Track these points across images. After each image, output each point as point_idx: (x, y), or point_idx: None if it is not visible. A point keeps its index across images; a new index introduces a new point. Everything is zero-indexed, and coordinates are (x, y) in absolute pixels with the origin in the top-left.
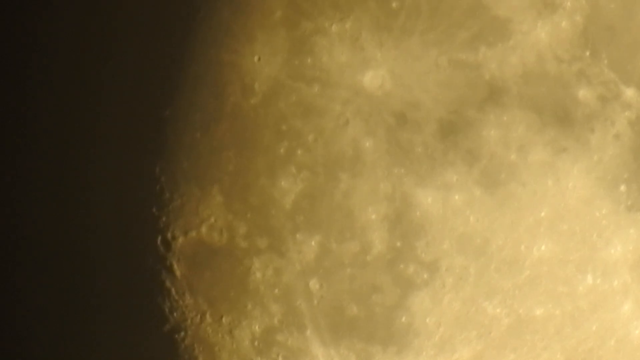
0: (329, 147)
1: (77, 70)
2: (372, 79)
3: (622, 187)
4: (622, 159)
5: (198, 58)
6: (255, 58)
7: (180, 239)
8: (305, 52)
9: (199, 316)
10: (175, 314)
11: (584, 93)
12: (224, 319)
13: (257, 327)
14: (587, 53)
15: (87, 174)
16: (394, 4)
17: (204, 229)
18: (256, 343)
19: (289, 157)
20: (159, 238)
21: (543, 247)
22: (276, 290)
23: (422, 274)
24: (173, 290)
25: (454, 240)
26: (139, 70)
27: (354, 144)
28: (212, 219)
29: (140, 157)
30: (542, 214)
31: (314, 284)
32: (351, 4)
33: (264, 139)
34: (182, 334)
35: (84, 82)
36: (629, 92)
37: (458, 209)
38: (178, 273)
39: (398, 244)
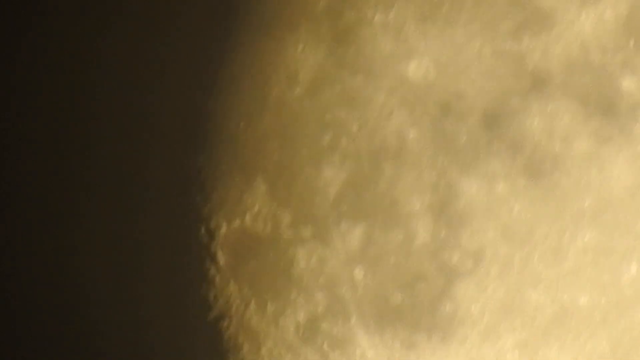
0: (373, 137)
1: (122, 60)
2: (416, 68)
3: None
4: None
5: (242, 48)
6: (299, 47)
7: (224, 228)
8: (349, 41)
9: (243, 304)
10: (219, 302)
11: (627, 83)
12: (268, 308)
13: (301, 316)
14: (631, 42)
15: (131, 163)
16: None
17: (248, 218)
18: (301, 331)
19: (333, 146)
20: (203, 227)
21: (587, 236)
22: (320, 279)
23: (467, 262)
24: (217, 279)
25: (499, 229)
26: (184, 61)
27: (398, 133)
28: (256, 208)
29: (185, 146)
30: (586, 203)
31: (358, 273)
32: None
33: (308, 128)
34: (227, 322)
35: (129, 72)
36: None
37: (502, 198)
38: (222, 262)
39: (442, 232)
